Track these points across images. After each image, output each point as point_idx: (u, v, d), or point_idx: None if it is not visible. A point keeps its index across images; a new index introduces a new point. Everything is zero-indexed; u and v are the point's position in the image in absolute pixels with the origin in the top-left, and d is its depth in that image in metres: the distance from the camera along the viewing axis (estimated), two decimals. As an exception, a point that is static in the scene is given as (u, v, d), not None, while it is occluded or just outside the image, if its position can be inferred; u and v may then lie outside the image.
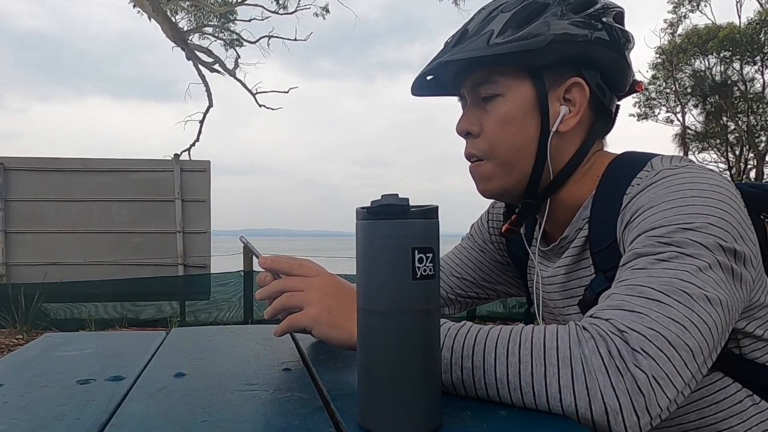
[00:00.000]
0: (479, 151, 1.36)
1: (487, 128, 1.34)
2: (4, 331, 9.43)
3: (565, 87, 1.32)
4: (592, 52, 1.30)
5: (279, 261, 1.29)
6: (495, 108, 1.33)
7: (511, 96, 1.31)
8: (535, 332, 0.98)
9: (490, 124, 1.33)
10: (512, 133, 1.32)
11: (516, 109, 1.31)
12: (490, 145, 1.34)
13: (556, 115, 1.31)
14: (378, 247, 0.86)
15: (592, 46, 1.30)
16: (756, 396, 1.26)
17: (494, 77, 1.32)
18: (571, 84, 1.32)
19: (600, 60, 1.32)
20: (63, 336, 1.59)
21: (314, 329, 1.17)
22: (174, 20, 20.30)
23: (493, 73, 1.32)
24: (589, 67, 1.32)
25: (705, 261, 1.03)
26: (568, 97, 1.33)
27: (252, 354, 1.34)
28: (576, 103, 1.32)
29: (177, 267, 11.95)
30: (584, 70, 1.32)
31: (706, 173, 1.20)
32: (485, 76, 1.33)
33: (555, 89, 1.32)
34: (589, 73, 1.32)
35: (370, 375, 0.87)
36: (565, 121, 1.32)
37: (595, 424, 0.90)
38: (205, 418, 0.91)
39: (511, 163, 1.34)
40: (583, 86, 1.32)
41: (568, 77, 1.32)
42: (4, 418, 0.93)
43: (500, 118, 1.32)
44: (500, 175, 1.35)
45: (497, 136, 1.33)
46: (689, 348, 0.94)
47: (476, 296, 1.74)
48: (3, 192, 11.33)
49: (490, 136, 1.34)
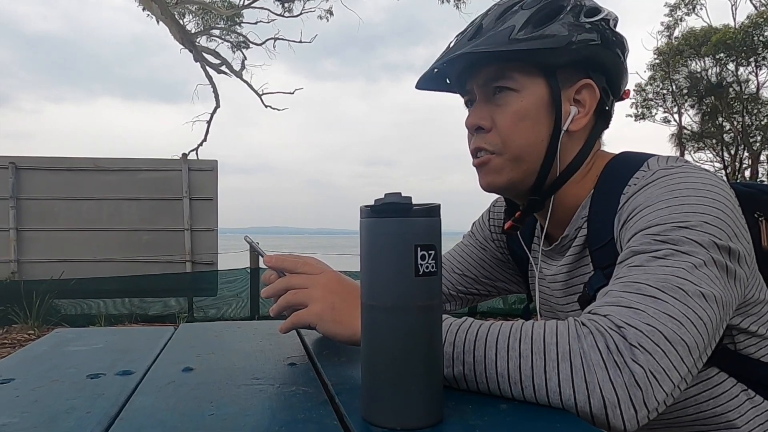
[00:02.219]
0: (491, 145, 1.34)
1: (500, 123, 1.33)
2: (16, 327, 9.45)
3: (576, 88, 1.32)
4: (601, 56, 1.31)
5: (284, 259, 1.29)
6: (509, 103, 1.32)
7: (526, 93, 1.31)
8: (535, 327, 0.98)
9: (503, 119, 1.32)
10: (526, 129, 1.31)
11: (530, 105, 1.31)
12: (503, 139, 1.33)
13: (567, 114, 1.32)
14: (381, 244, 0.86)
15: (601, 50, 1.30)
16: (751, 391, 1.27)
17: (510, 73, 1.31)
18: (581, 85, 1.32)
19: (606, 64, 1.32)
20: (73, 331, 1.59)
21: (318, 325, 1.17)
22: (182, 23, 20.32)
23: (509, 69, 1.31)
24: (596, 71, 1.33)
25: (700, 258, 1.04)
26: (578, 98, 1.33)
27: (258, 349, 1.34)
28: (585, 104, 1.33)
29: (185, 264, 11.96)
30: (592, 73, 1.32)
31: (700, 173, 1.20)
32: (500, 72, 1.32)
33: (566, 89, 1.32)
34: (597, 76, 1.33)
35: (373, 369, 0.87)
36: (575, 120, 1.32)
37: (594, 418, 0.91)
38: (212, 411, 0.91)
39: (522, 158, 1.33)
40: (594, 88, 1.32)
41: (578, 79, 1.32)
42: (16, 412, 0.93)
43: (515, 113, 1.31)
44: (509, 169, 1.34)
45: (511, 131, 1.32)
46: (685, 343, 0.94)
47: (477, 293, 1.75)
48: (15, 191, 11.34)
49: (503, 131, 1.33)
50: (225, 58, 22.07)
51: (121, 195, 11.80)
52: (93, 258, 11.61)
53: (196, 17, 22.12)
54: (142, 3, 18.51)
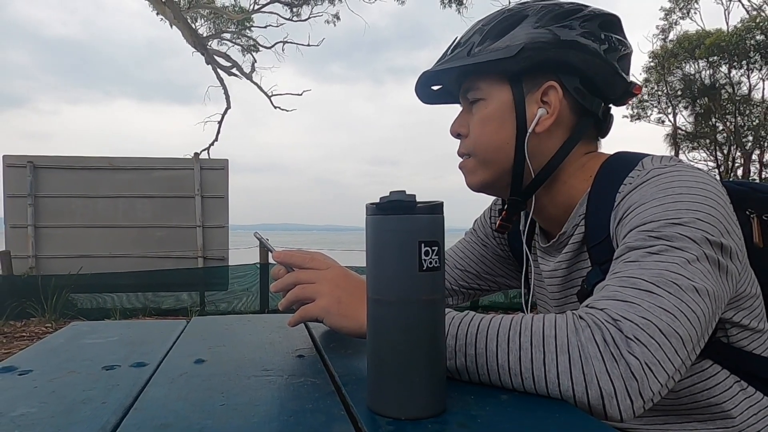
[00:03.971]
0: (466, 149, 1.42)
1: (472, 129, 1.39)
2: (33, 320, 9.46)
3: (541, 90, 1.33)
4: (566, 57, 1.30)
5: (292, 255, 1.29)
6: (478, 111, 1.38)
7: (492, 100, 1.35)
8: (535, 321, 0.98)
9: (473, 125, 1.39)
10: (491, 132, 1.36)
11: (494, 110, 1.35)
12: (473, 143, 1.39)
13: (533, 116, 1.33)
14: (386, 240, 0.86)
15: (566, 51, 1.30)
16: (743, 382, 1.27)
17: (477, 84, 1.37)
18: (547, 87, 1.33)
19: (575, 64, 1.31)
20: (89, 324, 1.60)
21: (326, 319, 1.18)
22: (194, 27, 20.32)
23: (476, 80, 1.37)
24: (566, 72, 1.33)
25: (693, 254, 1.04)
26: (546, 99, 1.34)
27: (268, 341, 1.34)
28: (551, 105, 1.33)
29: (197, 259, 11.97)
30: (561, 75, 1.33)
31: (693, 172, 1.20)
32: (471, 83, 1.38)
33: (533, 92, 1.33)
34: (567, 78, 1.33)
35: (378, 361, 0.87)
36: (540, 122, 1.33)
37: (592, 408, 0.91)
38: (223, 401, 0.92)
39: (490, 159, 1.37)
40: (557, 89, 1.32)
41: (544, 81, 1.33)
42: (34, 402, 0.93)
43: (481, 119, 1.37)
44: (481, 170, 1.39)
45: (478, 135, 1.38)
46: (679, 336, 0.95)
47: (478, 287, 1.75)
48: (33, 189, 11.36)
49: (472, 136, 1.39)
50: (236, 60, 22.10)
51: (136, 193, 11.82)
52: (108, 254, 11.63)
53: (207, 21, 22.12)
54: (156, 8, 18.52)
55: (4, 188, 11.44)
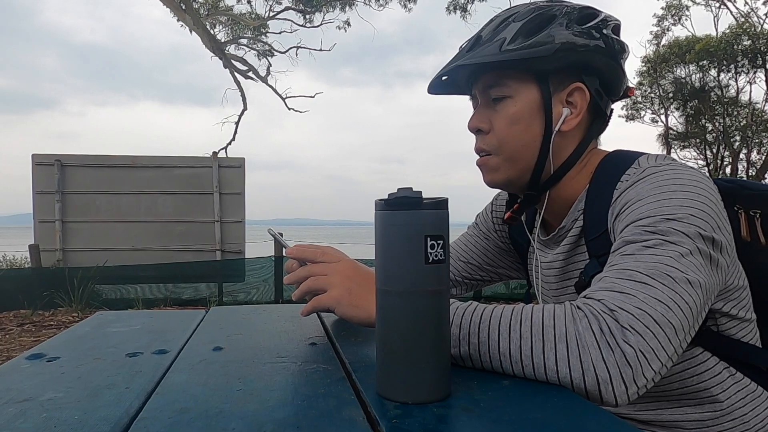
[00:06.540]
0: (488, 146, 1.36)
1: (497, 126, 1.34)
2: (61, 310, 9.49)
3: (567, 91, 1.32)
4: (592, 60, 1.30)
5: (304, 249, 1.29)
6: (504, 108, 1.33)
7: (519, 98, 1.31)
8: (535, 311, 0.98)
9: (499, 123, 1.34)
10: (519, 131, 1.32)
11: (523, 109, 1.31)
12: (499, 141, 1.34)
13: (559, 116, 1.31)
14: (394, 234, 0.85)
15: (591, 54, 1.29)
16: (733, 368, 1.27)
17: (504, 80, 1.32)
18: (573, 88, 1.32)
19: (598, 67, 1.31)
20: (114, 314, 1.60)
21: (337, 309, 1.18)
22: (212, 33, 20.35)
23: (503, 76, 1.32)
24: (589, 74, 1.32)
25: (686, 248, 1.04)
26: (570, 99, 1.32)
27: (282, 330, 1.34)
28: (577, 106, 1.32)
29: (215, 253, 11.98)
30: (585, 76, 1.32)
31: (687, 170, 1.20)
32: (496, 79, 1.33)
33: (559, 93, 1.32)
34: (589, 79, 1.32)
35: (387, 349, 0.87)
36: (567, 121, 1.31)
37: (588, 393, 0.91)
38: (240, 387, 0.92)
39: (516, 157, 1.34)
40: (584, 90, 1.32)
41: (570, 82, 1.32)
42: (61, 387, 0.93)
43: (509, 117, 1.32)
44: (506, 167, 1.36)
45: (506, 134, 1.33)
46: (672, 325, 0.94)
47: (481, 278, 1.75)
48: (60, 185, 11.39)
49: (499, 133, 1.34)
50: (252, 64, 22.15)
51: (157, 189, 11.83)
52: (131, 247, 11.65)
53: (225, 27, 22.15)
54: (176, 15, 18.55)
55: (34, 185, 11.47)
